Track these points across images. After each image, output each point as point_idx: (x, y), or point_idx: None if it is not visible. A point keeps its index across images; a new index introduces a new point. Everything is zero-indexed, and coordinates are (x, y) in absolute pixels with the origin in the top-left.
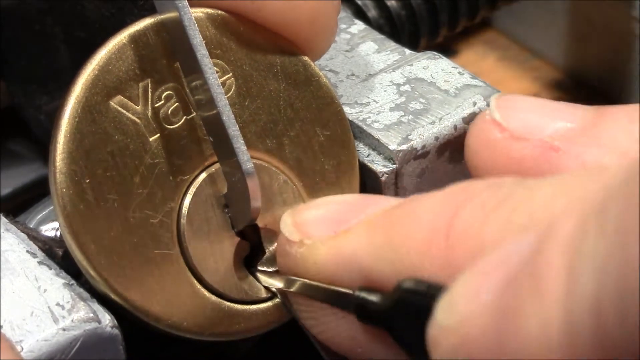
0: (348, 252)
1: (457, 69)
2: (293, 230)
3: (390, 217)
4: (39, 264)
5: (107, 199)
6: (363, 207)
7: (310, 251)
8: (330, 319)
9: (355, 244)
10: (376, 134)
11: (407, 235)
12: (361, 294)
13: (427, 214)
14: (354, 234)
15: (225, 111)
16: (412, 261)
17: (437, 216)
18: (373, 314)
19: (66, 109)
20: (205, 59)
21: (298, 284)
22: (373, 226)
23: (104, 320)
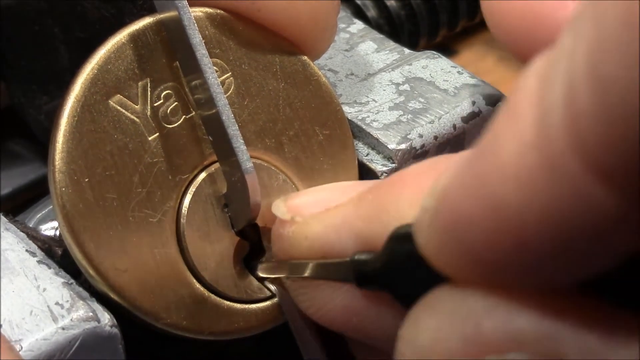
0: (338, 220)
1: (457, 69)
2: (285, 211)
3: (379, 185)
4: (38, 263)
5: (107, 198)
6: (354, 189)
7: (301, 227)
8: (324, 294)
9: (345, 212)
10: (375, 133)
11: (395, 193)
12: (357, 256)
13: (414, 173)
14: (344, 206)
15: (224, 110)
16: (401, 217)
17: (424, 173)
18: (371, 274)
19: (65, 108)
20: (205, 59)
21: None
22: (363, 196)
23: (103, 319)
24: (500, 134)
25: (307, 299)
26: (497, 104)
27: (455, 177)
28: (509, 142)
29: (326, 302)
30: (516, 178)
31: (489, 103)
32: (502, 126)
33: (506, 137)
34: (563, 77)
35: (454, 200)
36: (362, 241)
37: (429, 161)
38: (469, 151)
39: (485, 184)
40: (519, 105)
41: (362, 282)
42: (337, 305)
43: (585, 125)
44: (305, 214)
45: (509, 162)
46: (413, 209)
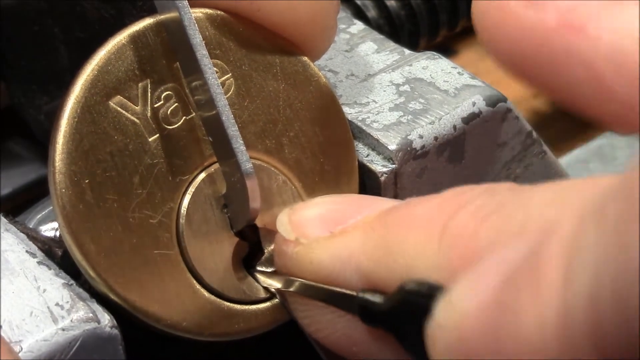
0: (344, 253)
1: (457, 69)
2: (289, 230)
3: (386, 219)
4: (38, 264)
5: (107, 199)
6: (359, 208)
7: (306, 251)
8: (326, 318)
9: (350, 245)
10: (375, 134)
11: (402, 237)
12: (364, 295)
13: (422, 217)
14: (350, 236)
15: (224, 111)
16: (406, 263)
17: (431, 219)
18: (376, 315)
19: (65, 109)
20: (205, 59)
21: (296, 284)
22: (369, 228)
23: (103, 320)
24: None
25: (308, 317)
26: (497, 104)
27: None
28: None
29: (327, 326)
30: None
31: (489, 104)
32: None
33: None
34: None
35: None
36: (367, 279)
37: (438, 201)
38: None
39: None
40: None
41: (367, 319)
42: (337, 331)
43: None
44: (310, 236)
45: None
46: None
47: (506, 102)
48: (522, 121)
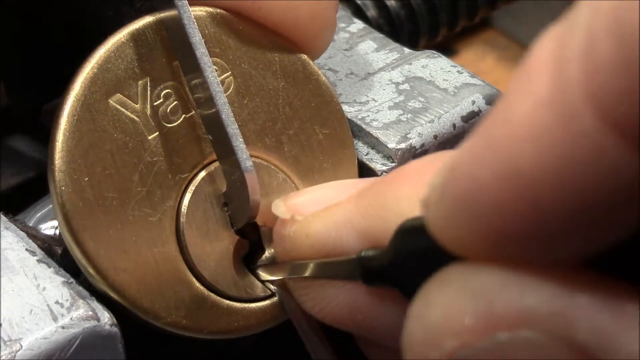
0: (338, 218)
1: (456, 68)
2: (285, 210)
3: (379, 182)
4: (38, 262)
5: (106, 197)
6: (353, 186)
7: (302, 226)
8: (328, 293)
9: (345, 210)
10: (375, 132)
11: (395, 191)
12: (364, 253)
13: (412, 171)
14: (345, 203)
15: (224, 109)
16: (401, 213)
17: (423, 169)
18: (378, 271)
19: (65, 107)
20: (205, 57)
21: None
22: (363, 192)
23: (103, 318)
24: (512, 95)
25: (310, 299)
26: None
27: (465, 148)
28: (522, 102)
29: (330, 301)
30: (530, 138)
31: (488, 102)
32: (514, 88)
33: (519, 97)
34: (582, 30)
35: (464, 169)
36: (364, 238)
37: (429, 156)
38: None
39: (497, 148)
40: (534, 66)
41: (369, 279)
42: (340, 303)
43: (603, 78)
44: (306, 213)
45: (522, 122)
46: (414, 205)
47: None
48: None
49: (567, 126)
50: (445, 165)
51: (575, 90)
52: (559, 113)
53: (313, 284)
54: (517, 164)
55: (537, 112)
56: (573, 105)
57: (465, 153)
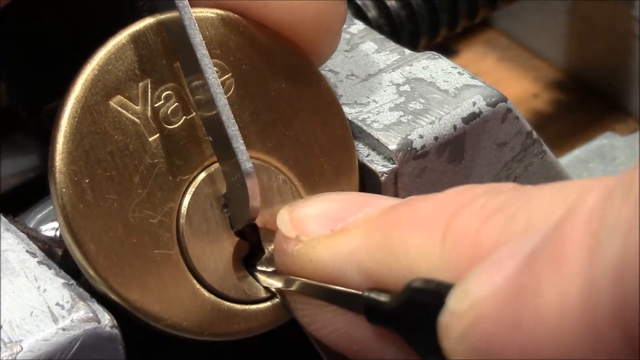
0: (344, 251)
1: (457, 69)
2: (290, 228)
3: (388, 218)
4: (38, 264)
5: (107, 199)
6: (360, 206)
7: (306, 249)
8: (326, 317)
9: (352, 243)
10: (376, 134)
11: (404, 237)
12: (370, 294)
13: (424, 216)
14: (351, 234)
15: (224, 111)
16: (409, 263)
17: (434, 219)
18: (382, 314)
19: (66, 109)
20: (205, 59)
21: (297, 283)
22: (370, 226)
23: (103, 320)
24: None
25: (308, 316)
26: (498, 104)
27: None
28: (552, 294)
29: (327, 325)
30: (555, 333)
31: (489, 104)
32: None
33: (549, 285)
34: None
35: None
36: (369, 278)
37: (440, 200)
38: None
39: (522, 328)
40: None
41: (373, 319)
42: (339, 329)
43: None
44: (310, 234)
45: (549, 315)
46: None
47: (506, 102)
48: (522, 121)
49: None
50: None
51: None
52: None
53: (311, 303)
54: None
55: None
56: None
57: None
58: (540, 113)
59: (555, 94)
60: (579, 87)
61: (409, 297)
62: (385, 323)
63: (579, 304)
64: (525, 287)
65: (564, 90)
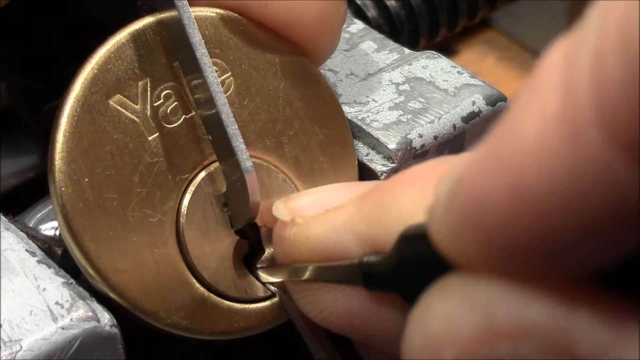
0: (339, 223)
1: (456, 68)
2: (285, 212)
3: (380, 186)
4: (38, 263)
5: (106, 198)
6: (354, 189)
7: (302, 229)
8: (327, 297)
9: (345, 214)
10: (375, 133)
11: (397, 196)
12: (366, 258)
13: (415, 176)
14: (345, 207)
15: (224, 110)
16: (402, 219)
17: (425, 175)
18: (380, 276)
19: (65, 108)
20: (205, 58)
21: (297, 271)
22: (363, 197)
23: (103, 319)
24: (521, 110)
25: (309, 302)
26: (497, 104)
27: (473, 160)
28: (531, 117)
29: (328, 305)
30: (537, 154)
31: (489, 103)
32: (523, 102)
33: (527, 112)
34: (591, 47)
35: (472, 182)
36: (365, 243)
37: (431, 162)
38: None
39: (505, 162)
40: (542, 81)
41: (371, 284)
42: (339, 307)
43: (613, 96)
44: (306, 215)
45: (530, 137)
46: (415, 210)
47: (506, 101)
48: None
49: (574, 144)
50: (452, 176)
51: (584, 109)
52: (566, 131)
53: (312, 287)
54: (524, 181)
55: (545, 130)
56: (581, 124)
57: (472, 165)
58: None
59: None
60: None
61: (403, 247)
62: (382, 285)
63: (557, 112)
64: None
65: None
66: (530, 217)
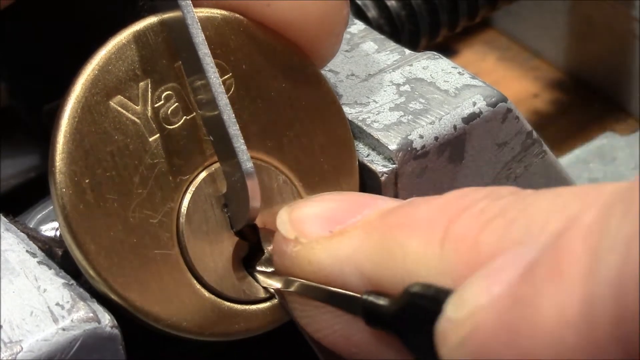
0: (343, 253)
1: (457, 69)
2: (289, 228)
3: (387, 220)
4: (38, 264)
5: (107, 199)
6: (360, 207)
7: (305, 250)
8: (325, 318)
9: (350, 245)
10: (376, 134)
11: (403, 240)
12: (369, 297)
13: (424, 219)
14: (349, 236)
15: (226, 110)
16: (408, 267)
17: (433, 222)
18: (381, 317)
19: (66, 109)
20: (207, 58)
21: (296, 285)
22: (369, 228)
23: (103, 320)
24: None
25: (307, 317)
26: (498, 104)
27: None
28: (550, 305)
29: (326, 327)
30: (553, 344)
31: (489, 104)
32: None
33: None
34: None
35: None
36: (367, 280)
37: (440, 203)
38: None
39: (519, 338)
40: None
41: (372, 321)
42: (337, 331)
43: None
44: (309, 235)
45: (547, 326)
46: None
47: (506, 102)
48: (523, 121)
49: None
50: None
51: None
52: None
53: (310, 304)
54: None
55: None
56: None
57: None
58: (540, 113)
59: (555, 94)
60: (579, 87)
61: (407, 301)
62: (383, 326)
63: (577, 315)
64: (523, 297)
65: (564, 90)
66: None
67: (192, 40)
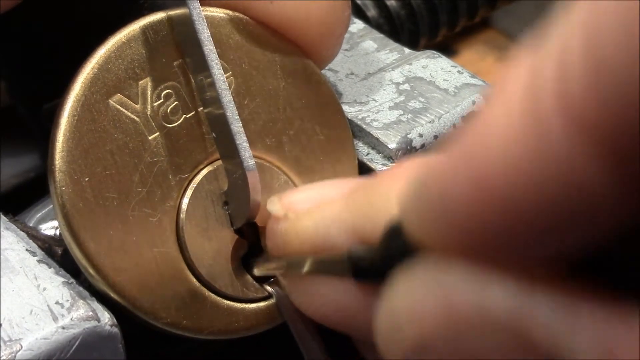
0: (328, 216)
1: (457, 68)
2: (279, 207)
3: (369, 181)
4: (38, 263)
5: (107, 197)
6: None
7: (293, 224)
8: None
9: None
10: (375, 132)
11: (385, 189)
12: (353, 248)
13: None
14: (335, 202)
15: (229, 107)
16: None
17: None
18: (367, 267)
19: (65, 107)
20: (212, 55)
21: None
22: (353, 191)
23: (103, 318)
24: (487, 107)
25: (301, 296)
26: None
27: (443, 154)
28: (495, 112)
29: (319, 299)
30: (501, 145)
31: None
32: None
33: (493, 108)
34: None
35: (440, 173)
36: (353, 235)
37: (422, 158)
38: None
39: (471, 155)
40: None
41: (359, 275)
42: (329, 301)
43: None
44: (298, 210)
45: (494, 131)
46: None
47: None
48: None
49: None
50: (424, 169)
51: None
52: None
53: (304, 281)
54: (488, 172)
55: (509, 122)
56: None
57: (442, 157)
58: None
59: None
60: None
61: (388, 238)
62: (370, 276)
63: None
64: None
65: None
66: (495, 206)
67: (198, 36)
